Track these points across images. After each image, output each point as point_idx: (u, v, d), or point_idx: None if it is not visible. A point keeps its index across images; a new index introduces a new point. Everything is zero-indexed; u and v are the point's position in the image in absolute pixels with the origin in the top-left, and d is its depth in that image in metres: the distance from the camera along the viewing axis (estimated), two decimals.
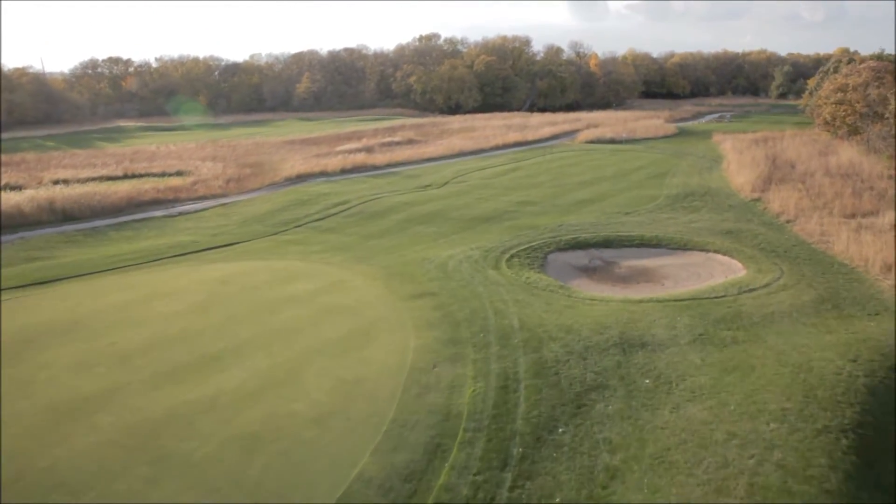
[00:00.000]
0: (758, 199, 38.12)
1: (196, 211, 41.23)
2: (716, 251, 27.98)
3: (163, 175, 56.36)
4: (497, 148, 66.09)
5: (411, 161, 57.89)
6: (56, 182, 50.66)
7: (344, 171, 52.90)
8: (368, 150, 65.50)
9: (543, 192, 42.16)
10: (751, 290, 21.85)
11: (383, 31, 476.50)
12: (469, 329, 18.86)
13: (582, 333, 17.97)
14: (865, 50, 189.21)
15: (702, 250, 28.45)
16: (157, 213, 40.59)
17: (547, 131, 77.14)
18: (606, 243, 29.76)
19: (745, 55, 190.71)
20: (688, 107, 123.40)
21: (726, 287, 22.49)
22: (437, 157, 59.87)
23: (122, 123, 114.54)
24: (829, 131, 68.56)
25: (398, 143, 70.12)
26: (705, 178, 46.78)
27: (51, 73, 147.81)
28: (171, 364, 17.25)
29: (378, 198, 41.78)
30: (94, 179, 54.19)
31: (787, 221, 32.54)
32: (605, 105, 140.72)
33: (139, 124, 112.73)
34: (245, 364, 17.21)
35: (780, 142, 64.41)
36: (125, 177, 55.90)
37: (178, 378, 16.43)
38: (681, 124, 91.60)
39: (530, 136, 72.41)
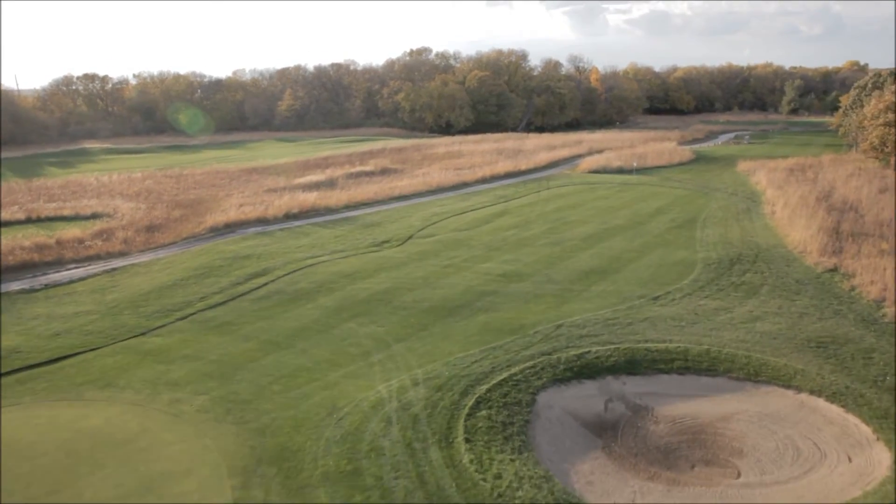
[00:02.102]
0: (835, 270, 27.32)
1: (69, 282, 30.52)
2: (812, 391, 17.15)
3: (73, 219, 45.99)
4: (483, 181, 55.45)
5: (376, 200, 47.24)
6: None
7: (288, 217, 42.22)
8: (331, 183, 55.03)
9: (535, 255, 31.40)
10: None
11: (375, 48, 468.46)
12: None
13: None
14: (872, 64, 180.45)
15: (786, 385, 17.63)
16: (15, 286, 29.89)
17: (543, 158, 66.56)
18: (630, 365, 18.96)
19: (750, 69, 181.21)
20: (698, 125, 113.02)
21: None
22: (410, 195, 49.22)
23: (88, 145, 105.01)
24: (878, 157, 58.06)
25: (369, 174, 59.61)
26: (747, 228, 36.02)
27: (24, 91, 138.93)
28: None
29: (314, 263, 31.03)
30: None
31: None
32: (607, 123, 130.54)
33: (105, 146, 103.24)
34: None
35: (822, 172, 53.88)
36: (27, 221, 45.51)
37: None
38: (695, 147, 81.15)
39: (523, 165, 61.77)
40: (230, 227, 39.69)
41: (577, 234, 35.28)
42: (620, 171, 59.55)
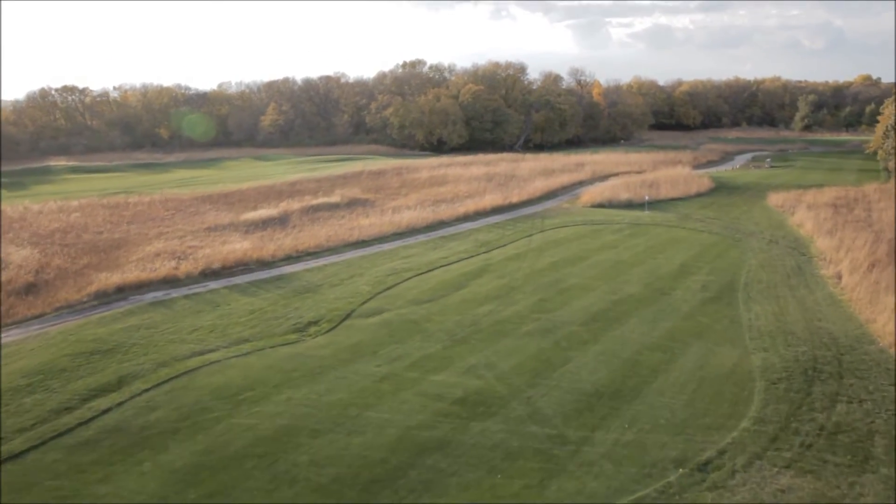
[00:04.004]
0: None
1: None
2: None
3: None
4: (465, 219, 46.01)
5: (327, 248, 37.80)
6: None
7: (205, 276, 32.79)
8: (282, 220, 45.86)
9: (516, 355, 21.86)
10: None
11: (373, 62, 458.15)
12: None
13: None
14: (879, 77, 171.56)
15: None
16: None
17: (539, 187, 57.19)
18: None
19: (758, 83, 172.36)
20: (710, 144, 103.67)
21: None
22: (371, 240, 39.79)
23: (55, 163, 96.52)
24: None
25: (331, 208, 50.29)
26: (808, 304, 26.49)
27: (5, 101, 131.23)
28: None
29: (198, 366, 21.53)
30: None
31: None
32: (610, 140, 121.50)
33: (72, 164, 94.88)
34: None
35: (874, 209, 44.50)
36: None
37: None
38: (712, 171, 71.91)
39: (515, 197, 52.38)
40: (123, 292, 30.28)
41: (577, 313, 25.74)
42: (629, 204, 50.16)
